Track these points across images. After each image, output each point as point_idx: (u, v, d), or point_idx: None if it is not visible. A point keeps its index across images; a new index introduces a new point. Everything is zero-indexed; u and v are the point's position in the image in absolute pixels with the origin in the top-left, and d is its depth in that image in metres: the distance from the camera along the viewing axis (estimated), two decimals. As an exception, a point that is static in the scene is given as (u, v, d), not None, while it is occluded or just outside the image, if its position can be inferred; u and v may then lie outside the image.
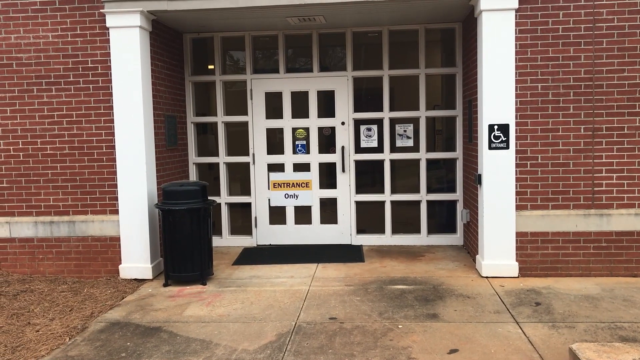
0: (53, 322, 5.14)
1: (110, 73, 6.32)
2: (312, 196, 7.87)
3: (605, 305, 5.23)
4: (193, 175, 7.96)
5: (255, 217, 7.96)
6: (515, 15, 5.95)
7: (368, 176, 8.01)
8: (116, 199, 6.44)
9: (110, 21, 6.22)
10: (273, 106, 7.85)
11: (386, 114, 7.69)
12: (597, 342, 3.97)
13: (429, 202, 7.78)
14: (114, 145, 6.38)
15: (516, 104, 6.02)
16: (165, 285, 6.18)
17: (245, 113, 7.87)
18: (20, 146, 6.53)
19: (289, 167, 7.88)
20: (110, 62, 6.31)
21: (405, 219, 7.93)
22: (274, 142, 7.94)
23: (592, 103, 5.99)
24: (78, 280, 6.43)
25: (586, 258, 6.10)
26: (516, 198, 6.09)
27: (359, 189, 7.89)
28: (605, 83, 5.97)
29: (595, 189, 6.07)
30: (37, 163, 6.53)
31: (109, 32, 6.27)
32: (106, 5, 6.20)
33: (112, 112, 6.36)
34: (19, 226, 6.59)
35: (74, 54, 6.38)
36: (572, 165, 6.05)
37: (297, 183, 7.88)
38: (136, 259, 6.40)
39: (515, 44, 5.98)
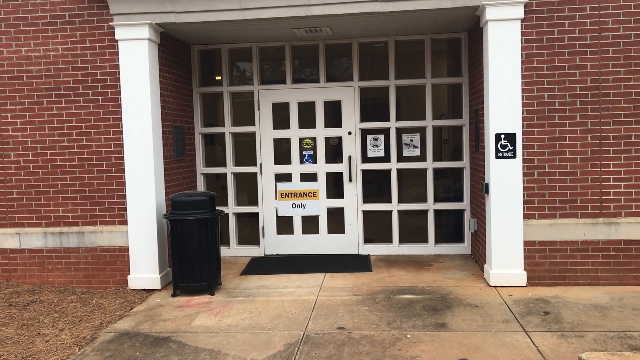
0: (63, 333, 5.17)
1: (119, 85, 6.39)
2: (319, 206, 7.89)
3: (615, 314, 5.21)
4: (201, 186, 8.00)
5: (263, 227, 7.98)
6: (521, 25, 5.98)
7: (375, 186, 8.02)
8: (125, 209, 6.49)
9: (119, 34, 6.30)
10: (280, 116, 7.90)
11: (393, 124, 7.72)
12: (606, 352, 3.96)
13: (436, 212, 7.78)
14: (123, 157, 6.44)
15: (523, 113, 6.04)
16: (174, 295, 6.20)
17: (253, 123, 7.92)
18: (30, 158, 6.59)
19: (296, 177, 7.91)
20: (119, 74, 6.38)
21: (413, 229, 7.93)
22: (281, 152, 7.97)
23: (598, 112, 6.00)
24: (87, 291, 6.46)
25: (595, 267, 6.08)
26: (524, 207, 6.09)
27: (366, 199, 7.91)
28: (611, 92, 5.97)
29: (603, 197, 6.06)
30: (47, 174, 6.58)
31: (118, 45, 6.35)
32: (115, 18, 6.28)
33: (121, 124, 6.42)
34: (29, 237, 6.64)
35: (83, 67, 6.45)
36: (579, 173, 6.05)
37: (304, 193, 7.90)
38: (145, 269, 6.43)
39: (521, 54, 6.00)
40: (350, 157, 7.77)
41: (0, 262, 6.70)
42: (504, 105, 6.02)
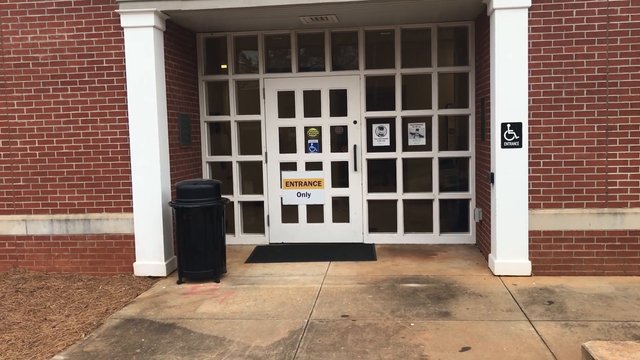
0: (69, 319, 5.21)
1: (125, 72, 6.39)
2: (324, 195, 7.90)
3: (619, 304, 5.20)
4: (206, 174, 8.02)
5: (268, 216, 8.00)
6: (528, 14, 5.94)
7: (380, 175, 8.02)
8: (130, 197, 6.51)
9: (124, 21, 6.29)
10: (285, 105, 7.89)
11: (398, 113, 7.70)
12: (610, 341, 3.96)
13: (441, 201, 7.77)
14: (129, 144, 6.45)
15: (529, 102, 6.01)
16: (179, 282, 6.23)
17: (258, 112, 7.91)
18: (37, 145, 6.62)
19: (301, 166, 7.91)
20: (124, 62, 6.38)
21: (418, 218, 7.93)
22: (287, 141, 7.97)
23: (606, 101, 5.97)
24: (93, 278, 6.50)
25: (600, 257, 6.07)
26: (529, 197, 6.08)
27: (371, 188, 7.90)
28: (619, 81, 5.93)
29: (609, 187, 6.04)
30: (53, 161, 6.61)
31: (123, 32, 6.34)
32: (121, 6, 6.27)
33: (127, 111, 6.43)
34: (35, 224, 6.68)
35: (89, 54, 6.46)
36: (585, 163, 6.03)
37: (309, 182, 7.91)
38: (150, 256, 6.47)
39: (528, 42, 5.96)
40: (355, 146, 7.76)
41: (8, 248, 6.76)
42: (510, 94, 5.99)
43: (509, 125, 6.02)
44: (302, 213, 7.96)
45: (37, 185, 6.66)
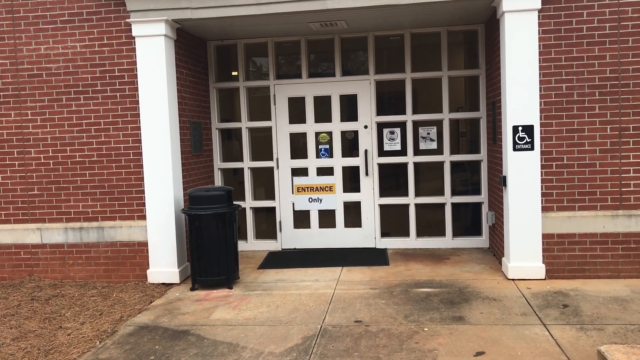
0: (84, 326, 5.25)
1: (137, 81, 6.44)
2: (336, 200, 7.90)
3: (635, 307, 5.15)
4: (218, 181, 8.05)
5: (280, 222, 8.02)
6: (538, 16, 5.92)
7: (392, 179, 8.01)
8: (143, 204, 6.56)
9: (136, 30, 6.35)
10: (296, 111, 7.91)
11: (409, 117, 7.69)
12: (626, 344, 3.92)
13: (453, 205, 7.74)
14: (141, 152, 6.50)
15: (540, 105, 5.98)
16: (192, 289, 6.26)
17: (269, 118, 7.94)
18: (50, 154, 6.69)
19: (312, 172, 7.92)
20: (136, 70, 6.44)
21: (430, 222, 7.91)
22: (298, 147, 7.99)
23: (618, 102, 5.92)
24: (107, 285, 6.55)
25: (615, 259, 6.01)
26: (542, 199, 6.04)
27: (383, 193, 7.89)
28: (631, 82, 5.89)
29: (622, 189, 5.99)
30: (67, 170, 6.68)
31: (134, 41, 6.40)
32: (132, 15, 6.33)
33: (139, 120, 6.48)
34: (50, 232, 6.74)
35: (101, 63, 6.52)
36: (598, 165, 5.98)
37: (320, 187, 7.91)
38: (164, 263, 6.50)
39: (539, 45, 5.94)
40: (366, 151, 7.76)
41: (23, 257, 6.82)
42: (521, 97, 5.97)
43: (520, 128, 5.99)
44: (314, 218, 7.97)
45: (52, 193, 6.73)
